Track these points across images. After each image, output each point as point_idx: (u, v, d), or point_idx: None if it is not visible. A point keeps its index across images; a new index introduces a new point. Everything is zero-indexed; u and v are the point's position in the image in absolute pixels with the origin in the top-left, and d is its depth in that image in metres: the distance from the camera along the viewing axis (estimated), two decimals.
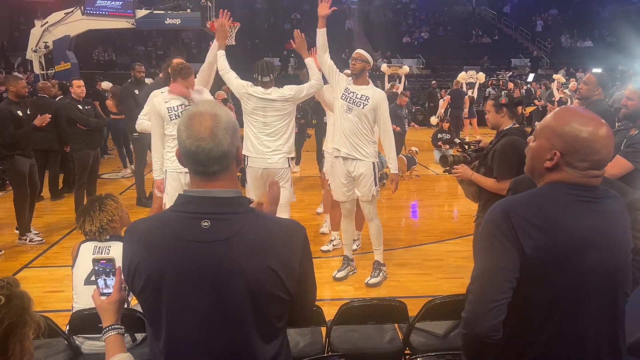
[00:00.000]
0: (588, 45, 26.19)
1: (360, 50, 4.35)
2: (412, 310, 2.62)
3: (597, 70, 17.51)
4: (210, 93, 4.65)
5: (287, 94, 4.30)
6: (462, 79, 14.40)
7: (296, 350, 2.52)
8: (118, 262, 1.57)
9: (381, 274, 4.59)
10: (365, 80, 4.37)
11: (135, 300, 1.67)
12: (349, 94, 4.31)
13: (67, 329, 2.52)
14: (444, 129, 11.04)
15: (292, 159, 4.44)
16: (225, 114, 1.37)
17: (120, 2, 10.99)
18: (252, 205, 1.46)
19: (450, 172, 3.48)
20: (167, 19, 11.04)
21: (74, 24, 10.71)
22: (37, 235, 5.75)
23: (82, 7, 10.67)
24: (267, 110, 4.28)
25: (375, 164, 4.40)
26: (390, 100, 5.51)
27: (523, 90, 17.15)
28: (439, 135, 10.98)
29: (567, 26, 28.36)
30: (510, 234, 1.42)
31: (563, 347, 1.46)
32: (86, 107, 6.33)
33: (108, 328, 1.53)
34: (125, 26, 11.43)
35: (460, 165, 3.44)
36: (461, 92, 13.61)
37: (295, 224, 1.46)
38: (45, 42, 10.52)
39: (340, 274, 4.67)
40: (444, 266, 5.00)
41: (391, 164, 4.43)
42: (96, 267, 1.62)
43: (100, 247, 2.74)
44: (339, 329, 2.67)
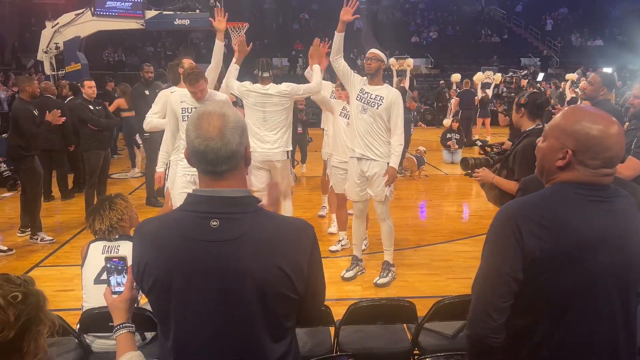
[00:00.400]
0: (598, 44, 25.96)
1: (375, 50, 4.33)
2: (420, 310, 2.62)
3: (607, 70, 17.39)
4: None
5: (284, 89, 4.61)
6: (479, 80, 14.15)
7: (305, 350, 2.52)
8: (129, 261, 1.58)
9: (390, 274, 4.58)
10: (380, 80, 4.35)
11: (144, 299, 1.68)
12: (363, 95, 4.30)
13: (78, 327, 2.54)
14: (453, 128, 11.00)
15: (290, 152, 4.80)
16: (234, 114, 1.38)
17: (130, 3, 11.06)
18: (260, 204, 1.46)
19: (471, 176, 3.37)
20: (176, 19, 11.10)
21: (84, 25, 10.80)
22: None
23: (92, 8, 10.74)
24: (266, 105, 4.59)
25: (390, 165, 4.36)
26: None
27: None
28: (447, 135, 10.95)
29: (577, 25, 28.14)
30: (516, 236, 1.41)
31: (574, 348, 1.45)
32: (97, 108, 6.38)
33: (119, 326, 1.54)
34: (135, 27, 11.50)
35: (481, 169, 3.33)
36: (471, 93, 13.39)
37: (304, 223, 1.46)
38: (56, 43, 10.60)
39: (349, 274, 4.67)
40: (453, 266, 4.98)
41: (392, 158, 4.31)
42: (108, 265, 1.63)
43: (109, 246, 2.76)
44: (348, 328, 2.67)
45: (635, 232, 1.47)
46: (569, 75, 12.73)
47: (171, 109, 4.29)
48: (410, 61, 11.83)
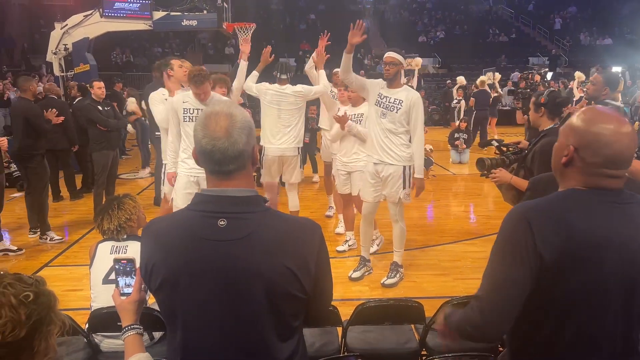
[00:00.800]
0: (608, 43, 25.75)
1: (392, 54, 4.25)
2: (428, 311, 2.61)
3: (616, 69, 17.22)
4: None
5: (299, 90, 5.04)
6: (482, 84, 13.93)
7: (312, 350, 2.52)
8: (138, 262, 1.58)
9: (398, 275, 4.57)
10: (399, 82, 4.31)
11: (152, 299, 1.68)
12: (382, 99, 4.27)
13: (87, 327, 2.56)
14: (461, 128, 10.94)
15: (300, 148, 5.17)
16: (241, 114, 1.38)
17: (138, 4, 11.11)
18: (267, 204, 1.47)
19: (488, 176, 3.31)
20: (184, 20, 11.13)
21: (92, 26, 10.86)
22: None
23: (100, 10, 10.81)
24: (282, 104, 4.98)
25: (407, 168, 4.33)
26: None
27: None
28: (455, 135, 10.90)
29: (586, 24, 27.93)
30: (525, 240, 1.39)
31: (579, 350, 1.43)
32: (106, 108, 6.41)
33: (127, 328, 1.55)
34: (143, 28, 11.55)
35: (498, 169, 3.27)
36: (486, 93, 12.98)
37: (311, 223, 1.46)
38: (65, 45, 10.67)
39: (356, 274, 4.67)
40: (461, 267, 4.96)
41: (416, 167, 4.34)
42: (117, 267, 1.63)
43: (117, 246, 2.77)
44: (355, 329, 2.67)
45: None
46: (577, 73, 12.48)
47: (173, 109, 4.32)
48: (418, 60, 11.70)
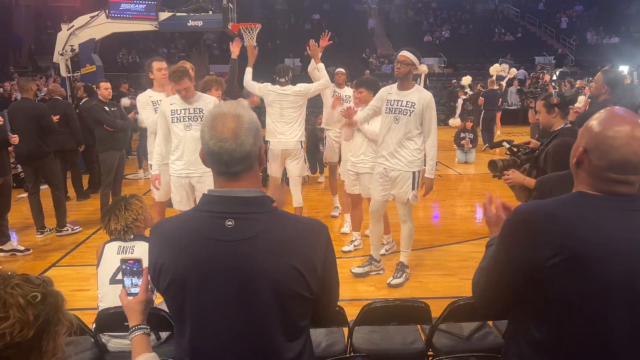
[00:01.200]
0: (614, 42, 25.60)
1: (406, 53, 4.19)
2: (435, 311, 2.60)
3: (623, 68, 17.11)
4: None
5: (298, 89, 5.36)
6: (495, 71, 13.73)
7: (318, 350, 2.52)
8: (145, 263, 1.59)
9: (404, 275, 4.56)
10: (410, 84, 4.24)
11: (159, 298, 1.68)
12: (392, 105, 4.23)
13: (94, 327, 2.57)
14: (467, 128, 10.90)
15: (302, 142, 5.53)
16: (248, 115, 1.38)
17: (144, 5, 11.12)
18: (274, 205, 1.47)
19: (501, 178, 3.29)
20: (190, 21, 11.13)
21: (99, 27, 10.89)
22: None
23: (106, 11, 10.84)
24: (283, 103, 5.34)
25: (416, 172, 4.29)
26: None
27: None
28: (461, 135, 10.86)
29: (593, 23, 27.78)
30: (520, 240, 1.40)
31: (577, 355, 1.41)
32: (112, 109, 6.43)
33: (134, 328, 1.56)
34: (149, 29, 11.56)
35: (510, 171, 3.25)
36: (495, 93, 12.85)
37: (318, 223, 1.46)
38: (72, 46, 10.70)
39: (358, 270, 4.65)
40: (467, 267, 4.93)
41: (427, 167, 4.29)
42: (123, 267, 1.64)
43: (124, 246, 2.78)
44: (361, 329, 2.67)
45: None
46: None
47: (161, 112, 4.37)
48: (424, 67, 11.64)
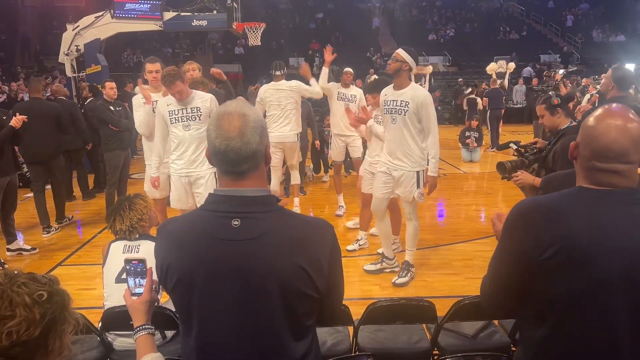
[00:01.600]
0: (620, 40, 25.44)
1: (400, 51, 4.18)
2: (440, 310, 2.59)
3: (629, 65, 17.00)
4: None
5: (293, 85, 5.94)
6: (492, 70, 13.64)
7: (324, 349, 2.52)
8: (149, 262, 1.59)
9: (409, 275, 4.55)
10: (404, 81, 4.20)
11: (165, 297, 1.69)
12: (388, 106, 4.23)
13: (100, 325, 2.58)
14: (472, 127, 10.87)
15: (299, 134, 6.13)
16: (254, 113, 1.38)
17: (148, 5, 11.13)
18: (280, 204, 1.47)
19: (510, 179, 3.27)
20: (194, 20, 11.14)
21: (104, 27, 10.92)
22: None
23: (111, 11, 10.87)
24: (281, 99, 5.88)
25: (420, 171, 4.28)
26: None
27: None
28: (466, 134, 10.83)
29: (599, 21, 27.63)
30: (521, 236, 1.41)
31: (575, 353, 1.40)
32: (117, 109, 6.45)
33: (139, 328, 1.56)
34: (153, 29, 11.58)
35: (519, 172, 3.24)
36: (499, 92, 12.70)
37: (324, 223, 1.46)
38: (77, 46, 10.73)
39: (370, 267, 4.70)
40: (473, 266, 4.93)
41: (430, 166, 4.25)
42: (128, 267, 1.64)
43: (130, 245, 2.79)
44: (367, 328, 2.66)
45: None
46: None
47: (160, 114, 4.38)
48: (429, 68, 11.58)
